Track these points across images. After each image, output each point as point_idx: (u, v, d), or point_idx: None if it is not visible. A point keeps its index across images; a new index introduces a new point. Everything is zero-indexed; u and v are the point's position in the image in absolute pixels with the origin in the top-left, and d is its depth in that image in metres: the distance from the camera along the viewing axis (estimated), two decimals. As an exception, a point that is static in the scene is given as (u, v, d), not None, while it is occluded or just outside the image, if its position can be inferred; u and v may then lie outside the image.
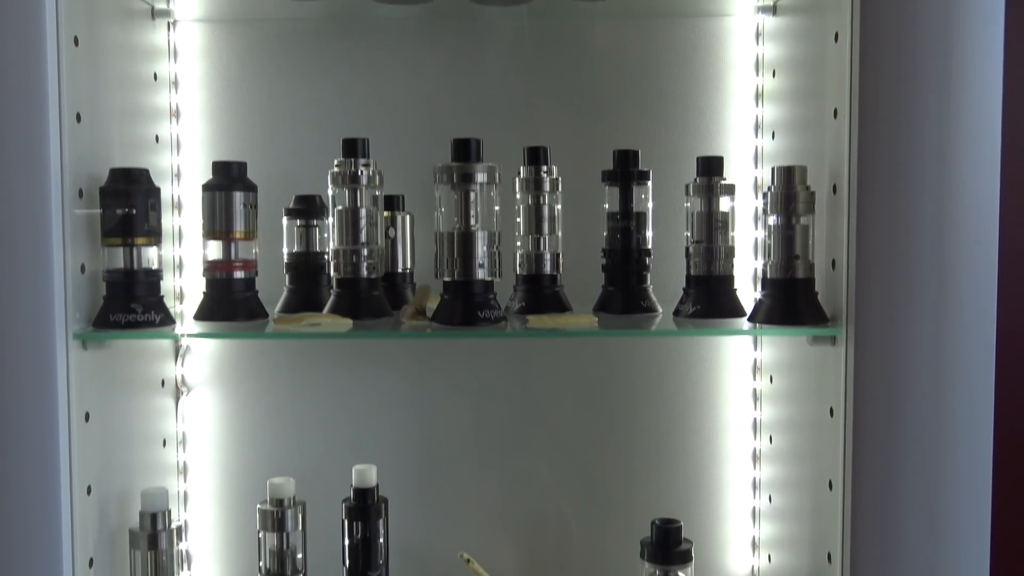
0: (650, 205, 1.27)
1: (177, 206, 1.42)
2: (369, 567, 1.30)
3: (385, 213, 1.33)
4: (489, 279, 1.15)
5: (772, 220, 1.14)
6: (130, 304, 1.12)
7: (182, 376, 1.45)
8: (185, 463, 1.46)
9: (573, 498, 1.48)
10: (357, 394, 1.46)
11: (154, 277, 1.16)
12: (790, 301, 1.13)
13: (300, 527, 1.28)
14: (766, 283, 1.15)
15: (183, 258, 1.42)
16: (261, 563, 1.28)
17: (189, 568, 1.47)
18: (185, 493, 1.47)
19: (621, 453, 1.47)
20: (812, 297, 1.14)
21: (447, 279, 1.16)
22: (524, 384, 1.47)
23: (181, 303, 1.41)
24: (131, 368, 1.30)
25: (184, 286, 1.42)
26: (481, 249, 1.14)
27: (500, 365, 1.46)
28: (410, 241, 1.37)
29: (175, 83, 1.41)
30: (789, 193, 1.13)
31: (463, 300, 1.15)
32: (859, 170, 1.07)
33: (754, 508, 1.47)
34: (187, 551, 1.47)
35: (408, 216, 1.36)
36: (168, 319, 1.17)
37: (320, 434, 1.46)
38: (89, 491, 1.14)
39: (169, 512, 1.21)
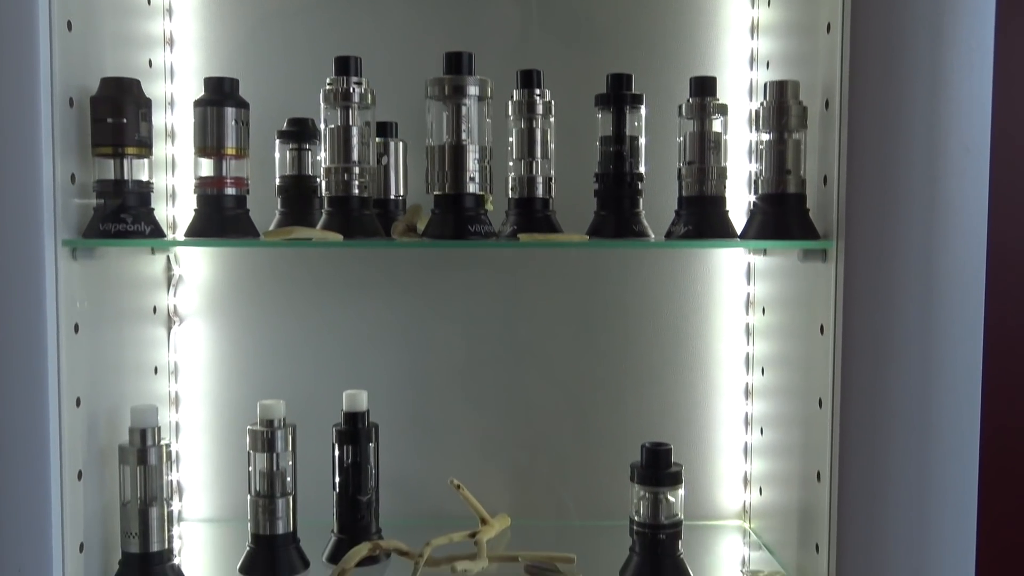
0: (643, 130, 1.27)
1: (171, 135, 1.41)
2: (359, 491, 1.30)
3: (378, 140, 1.32)
4: (480, 194, 1.15)
5: (764, 135, 1.14)
6: (120, 215, 1.12)
7: (174, 306, 1.45)
8: (177, 393, 1.46)
9: (564, 429, 1.48)
10: (348, 325, 1.46)
11: (145, 189, 1.15)
12: (781, 216, 1.13)
13: (290, 448, 1.28)
14: (756, 199, 1.15)
15: (176, 187, 1.42)
16: (251, 486, 1.28)
17: (180, 499, 1.48)
18: (177, 424, 1.47)
19: (613, 385, 1.47)
20: (803, 213, 1.14)
21: (437, 192, 1.15)
22: (515, 314, 1.47)
23: (174, 232, 1.41)
24: (122, 292, 1.30)
25: (177, 215, 1.42)
26: (472, 163, 1.14)
27: (491, 294, 1.46)
28: (403, 168, 1.37)
29: (169, 10, 1.41)
30: (781, 107, 1.13)
31: (454, 214, 1.14)
32: (851, 85, 1.07)
33: (746, 443, 1.47)
34: (178, 481, 1.47)
35: (401, 143, 1.36)
36: (158, 231, 1.17)
37: (312, 364, 1.46)
38: (78, 403, 1.14)
39: (159, 429, 1.21)
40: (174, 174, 1.42)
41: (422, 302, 1.46)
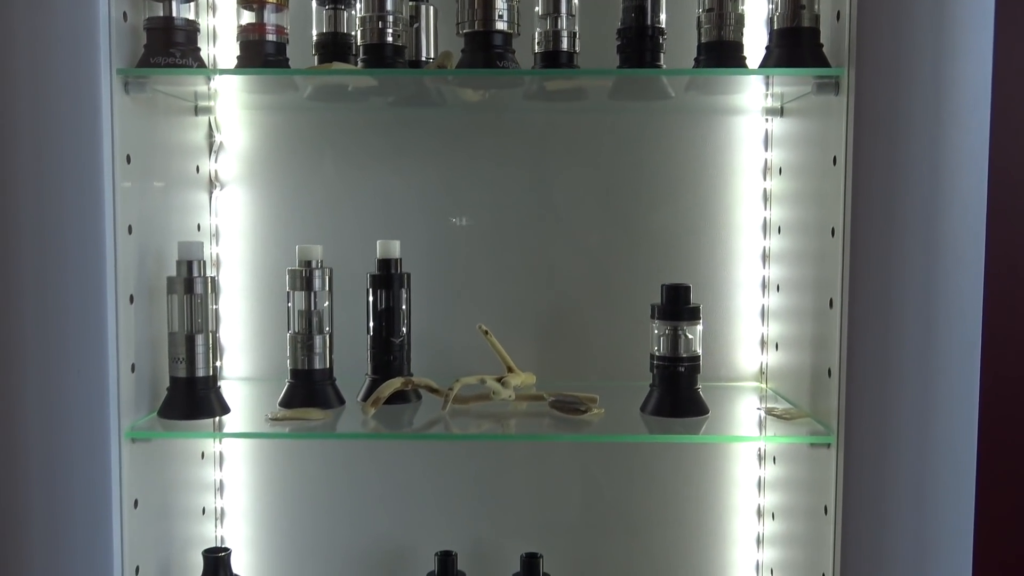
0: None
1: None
2: (392, 333, 1.37)
3: (410, 3, 1.38)
4: (508, 31, 1.21)
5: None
6: (169, 49, 1.19)
7: (216, 171, 1.52)
8: (218, 256, 1.53)
9: (586, 291, 1.53)
10: (382, 188, 1.52)
11: (192, 27, 1.22)
12: (795, 48, 1.18)
13: (327, 289, 1.34)
14: (772, 35, 1.21)
15: (217, 28, 1.48)
16: (290, 324, 1.35)
17: (221, 359, 1.54)
18: (217, 282, 1.53)
19: (634, 249, 1.53)
20: (817, 46, 1.19)
21: (467, 31, 1.21)
22: (541, 179, 1.53)
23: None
24: (168, 144, 1.37)
25: (218, 56, 1.48)
26: (501, 0, 1.20)
27: (519, 160, 1.52)
28: (433, 31, 1.42)
29: None
30: (796, -57, 1.18)
31: (483, 50, 1.20)
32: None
33: (763, 306, 1.53)
34: (219, 338, 1.53)
35: (432, 8, 1.42)
36: (204, 67, 1.24)
37: (347, 225, 1.51)
38: (130, 231, 1.21)
39: (204, 263, 1.28)
40: (215, 15, 1.49)
41: (453, 167, 1.52)
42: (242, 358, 1.56)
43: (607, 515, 1.57)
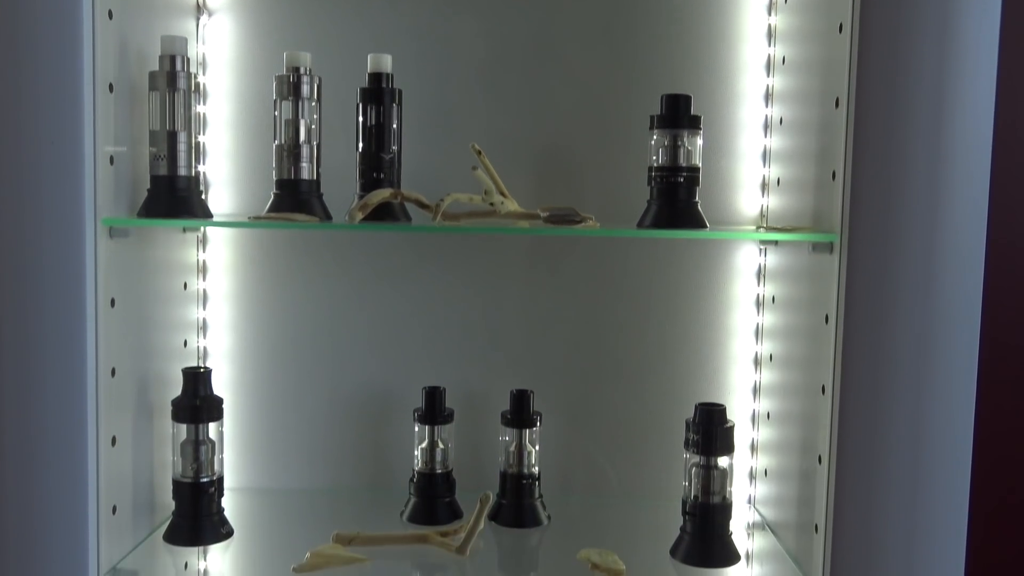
0: None
1: None
2: (382, 148, 1.33)
3: None
4: None
5: None
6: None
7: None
8: (204, 86, 1.48)
9: (583, 130, 1.49)
10: (375, 18, 1.48)
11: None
12: None
13: (315, 99, 1.30)
14: None
15: None
16: (276, 134, 1.30)
17: (206, 195, 1.50)
18: (205, 116, 1.49)
19: (631, 89, 1.48)
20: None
21: None
22: (537, 15, 1.48)
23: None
24: None
25: None
26: None
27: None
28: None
29: None
30: None
31: None
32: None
33: (765, 147, 1.49)
34: (204, 173, 1.49)
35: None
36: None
37: (336, 36, 1.46)
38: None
39: (188, 59, 1.23)
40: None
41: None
42: (226, 194, 1.50)
43: (599, 357, 1.53)
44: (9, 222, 1.11)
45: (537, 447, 1.42)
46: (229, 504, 1.37)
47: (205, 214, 1.26)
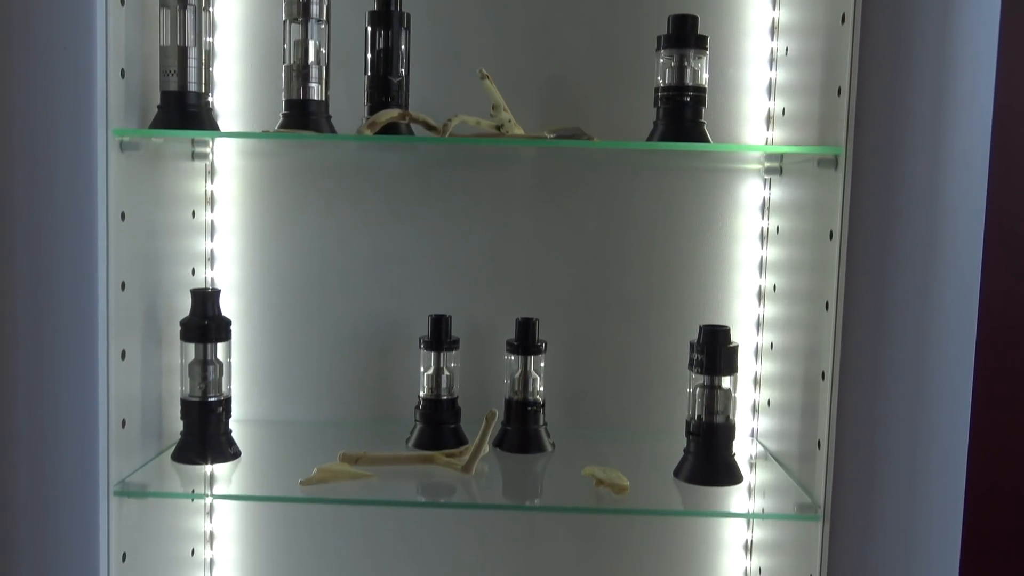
0: None
1: None
2: (390, 72, 1.33)
3: None
4: None
5: None
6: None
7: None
8: (213, 14, 1.49)
9: (590, 62, 1.50)
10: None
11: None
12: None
13: (325, 20, 1.30)
14: None
15: None
16: (285, 55, 1.31)
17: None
18: (213, 46, 1.49)
19: (638, 19, 1.48)
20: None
21: None
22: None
23: None
24: None
25: None
26: None
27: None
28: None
29: None
30: None
31: None
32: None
33: (770, 80, 1.49)
34: (213, 103, 1.49)
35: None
36: None
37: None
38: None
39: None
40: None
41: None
42: (233, 123, 1.51)
43: (604, 290, 1.54)
44: (22, 131, 1.12)
45: (543, 375, 1.43)
46: (236, 435, 1.38)
47: (214, 129, 1.26)
